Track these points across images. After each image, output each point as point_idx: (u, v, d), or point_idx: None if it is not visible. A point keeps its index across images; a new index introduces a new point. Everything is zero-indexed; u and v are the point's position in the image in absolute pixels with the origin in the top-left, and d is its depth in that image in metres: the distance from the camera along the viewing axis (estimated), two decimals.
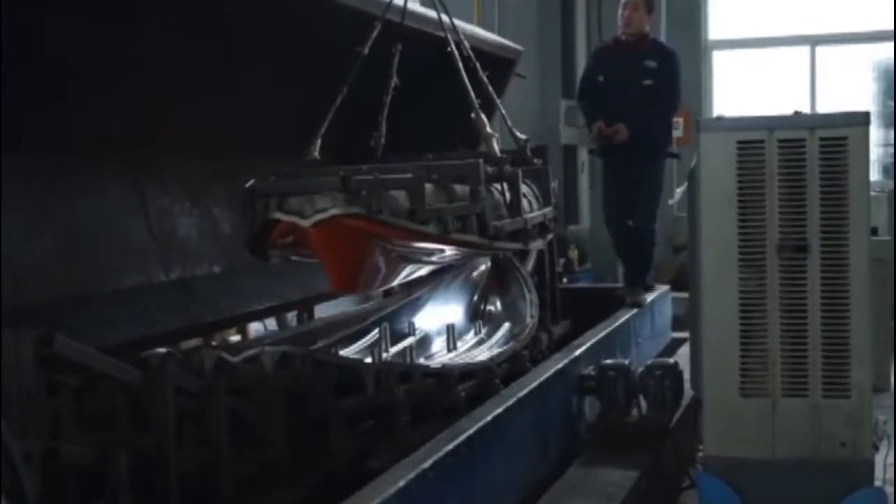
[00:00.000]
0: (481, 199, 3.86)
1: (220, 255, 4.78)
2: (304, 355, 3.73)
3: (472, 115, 4.37)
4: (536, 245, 4.68)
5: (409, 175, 3.62)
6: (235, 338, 6.86)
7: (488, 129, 4.37)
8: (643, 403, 5.04)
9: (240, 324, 6.46)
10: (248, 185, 3.47)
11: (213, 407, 3.28)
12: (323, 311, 6.61)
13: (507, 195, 4.15)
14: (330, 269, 3.43)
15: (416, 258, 4.05)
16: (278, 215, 3.31)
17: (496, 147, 4.36)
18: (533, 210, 4.44)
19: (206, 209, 4.75)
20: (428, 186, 3.59)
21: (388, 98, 4.56)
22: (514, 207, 4.17)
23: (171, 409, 3.11)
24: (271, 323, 7.14)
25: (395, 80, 4.55)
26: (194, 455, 3.23)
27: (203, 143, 4.58)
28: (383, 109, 4.56)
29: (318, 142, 4.24)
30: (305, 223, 3.26)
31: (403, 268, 4.02)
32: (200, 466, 3.24)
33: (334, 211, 3.26)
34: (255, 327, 7.14)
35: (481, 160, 3.98)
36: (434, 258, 4.25)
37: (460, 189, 3.86)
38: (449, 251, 4.10)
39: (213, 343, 5.78)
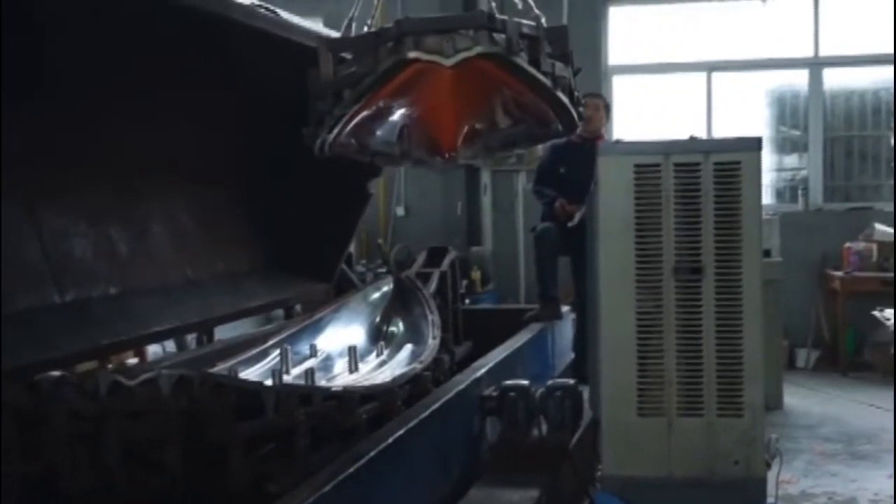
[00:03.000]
0: (571, 63, 3.67)
1: (116, 276, 4.69)
2: (203, 378, 3.67)
3: None
4: None
5: (533, 22, 3.43)
6: (133, 360, 6.76)
7: (536, 10, 3.94)
8: (543, 424, 5.07)
9: (137, 346, 6.36)
10: (365, 32, 3.27)
11: (108, 431, 3.21)
12: (223, 333, 6.54)
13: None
14: (446, 122, 3.27)
15: (516, 121, 3.83)
16: (415, 54, 3.11)
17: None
18: None
19: (102, 230, 4.67)
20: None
21: None
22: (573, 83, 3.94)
23: (64, 433, 3.05)
24: (170, 345, 7.05)
25: None
26: (87, 481, 3.16)
27: (101, 163, 4.51)
28: None
29: None
30: (448, 62, 3.06)
31: (496, 137, 3.83)
32: (94, 492, 3.17)
33: (479, 49, 3.07)
34: (153, 350, 7.04)
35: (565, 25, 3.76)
36: (520, 129, 4.03)
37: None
38: (540, 118, 3.90)
39: (110, 366, 5.68)
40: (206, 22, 3.99)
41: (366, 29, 3.85)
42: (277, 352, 5.12)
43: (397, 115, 3.61)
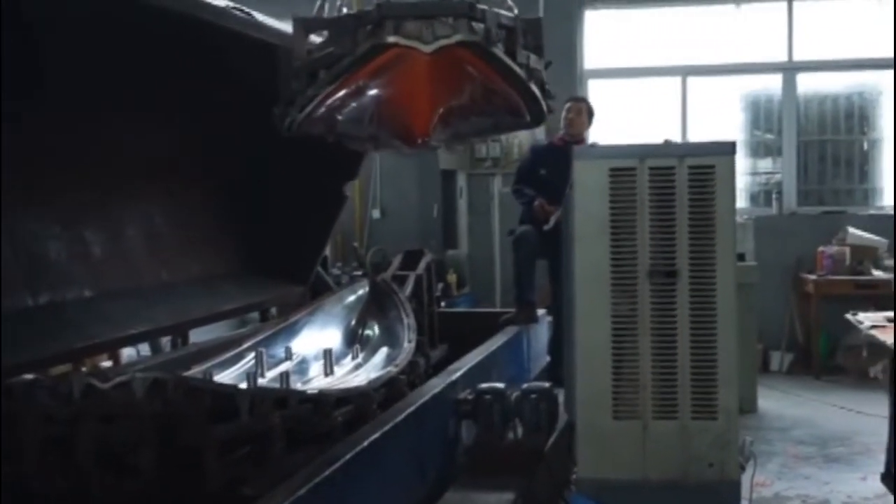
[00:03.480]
0: (543, 56, 3.73)
1: (91, 278, 4.66)
2: (177, 381, 3.65)
3: None
4: None
5: (511, 14, 3.48)
6: (107, 363, 6.72)
7: (510, 1, 3.97)
8: (519, 427, 5.08)
9: (111, 349, 6.32)
10: (345, 14, 3.30)
11: (82, 434, 3.20)
12: (197, 336, 6.51)
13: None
14: (420, 108, 3.29)
15: (487, 110, 3.87)
16: (394, 39, 3.14)
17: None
18: None
19: (77, 232, 4.64)
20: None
21: None
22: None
23: (37, 436, 3.03)
24: (144, 348, 7.01)
25: None
26: (61, 484, 3.14)
27: (75, 164, 4.48)
28: None
29: None
30: (427, 48, 3.09)
31: (459, 126, 3.86)
32: (68, 496, 3.15)
33: (459, 37, 3.11)
34: (127, 353, 7.00)
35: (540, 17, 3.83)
36: (490, 118, 4.06)
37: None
38: (511, 109, 3.92)
39: (84, 369, 5.64)
40: (179, 23, 3.98)
41: (344, 10, 3.85)
42: (252, 355, 5.10)
43: (369, 97, 3.62)
